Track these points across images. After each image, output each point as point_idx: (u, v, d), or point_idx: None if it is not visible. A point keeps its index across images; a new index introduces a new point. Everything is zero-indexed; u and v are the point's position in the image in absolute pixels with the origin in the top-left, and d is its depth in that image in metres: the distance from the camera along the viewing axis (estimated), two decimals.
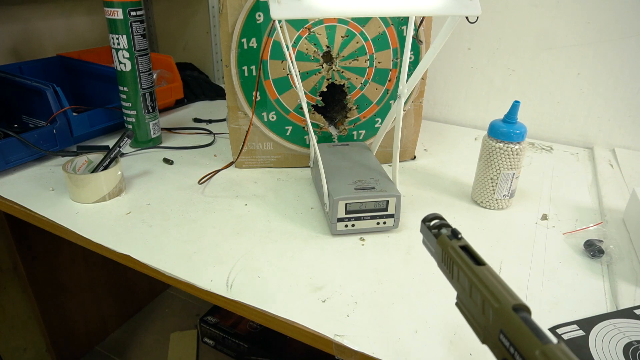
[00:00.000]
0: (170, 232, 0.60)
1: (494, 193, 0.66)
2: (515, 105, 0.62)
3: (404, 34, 0.72)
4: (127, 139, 0.70)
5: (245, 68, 0.71)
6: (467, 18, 0.53)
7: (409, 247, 0.58)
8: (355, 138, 0.79)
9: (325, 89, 0.74)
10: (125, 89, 0.80)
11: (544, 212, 0.67)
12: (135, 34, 0.76)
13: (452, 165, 0.81)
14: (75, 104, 0.97)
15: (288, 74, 0.72)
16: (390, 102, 0.77)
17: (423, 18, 0.71)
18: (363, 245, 0.58)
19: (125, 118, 0.83)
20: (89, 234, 0.59)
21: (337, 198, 0.57)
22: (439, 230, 0.37)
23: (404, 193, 0.71)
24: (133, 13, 0.74)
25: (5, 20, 0.97)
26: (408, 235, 0.60)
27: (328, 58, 0.72)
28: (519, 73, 0.93)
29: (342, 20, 0.70)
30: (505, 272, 0.54)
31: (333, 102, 0.80)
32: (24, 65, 0.93)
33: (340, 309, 0.47)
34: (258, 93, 0.73)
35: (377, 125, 0.78)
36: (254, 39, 0.69)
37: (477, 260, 0.33)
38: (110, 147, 0.70)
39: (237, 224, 0.62)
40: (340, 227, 0.59)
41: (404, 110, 0.78)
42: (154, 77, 0.97)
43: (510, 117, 0.62)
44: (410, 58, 0.73)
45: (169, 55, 1.07)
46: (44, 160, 0.79)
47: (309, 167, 0.78)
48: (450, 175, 0.78)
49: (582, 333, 0.45)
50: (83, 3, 1.12)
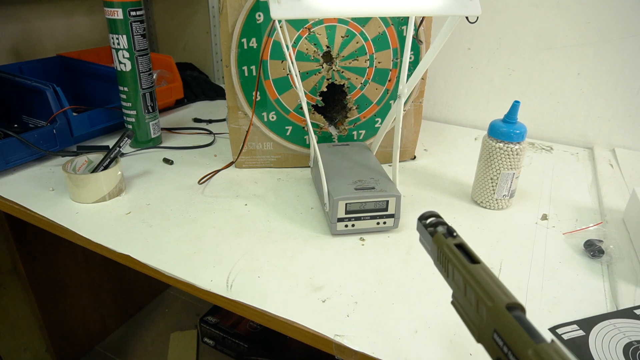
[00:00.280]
0: (170, 232, 0.60)
1: (494, 193, 0.66)
2: (515, 105, 0.62)
3: (404, 34, 0.72)
4: (127, 139, 0.70)
5: (245, 68, 0.71)
6: (467, 18, 0.53)
7: (409, 247, 0.58)
8: (355, 138, 0.79)
9: (325, 89, 0.74)
10: (125, 89, 0.80)
11: (544, 212, 0.67)
12: (135, 34, 0.76)
13: (452, 165, 0.81)
14: (75, 104, 0.97)
15: (288, 74, 0.72)
16: (390, 102, 0.77)
17: (423, 18, 0.71)
18: (363, 245, 0.58)
19: (125, 118, 0.83)
20: (89, 234, 0.59)
21: (337, 198, 0.57)
22: (435, 228, 0.37)
23: (404, 193, 0.71)
24: (133, 13, 0.74)
25: (5, 20, 0.97)
26: (408, 235, 0.60)
27: (328, 58, 0.72)
28: (519, 73, 0.93)
29: (342, 20, 0.70)
30: (505, 272, 0.54)
31: (333, 102, 0.80)
32: (24, 65, 0.93)
33: (340, 309, 0.47)
34: (258, 93, 0.73)
35: (377, 125, 0.78)
36: (254, 39, 0.69)
37: (472, 258, 0.33)
38: (110, 147, 0.70)
39: (237, 224, 0.62)
40: (340, 227, 0.59)
41: (404, 110, 0.78)
42: (154, 77, 0.97)
43: (510, 117, 0.62)
44: (410, 58, 0.73)
45: (169, 55, 1.08)
46: (44, 160, 0.79)
47: (309, 167, 0.78)
48: (450, 175, 0.78)
49: (582, 333, 0.45)
50: (83, 3, 1.12)
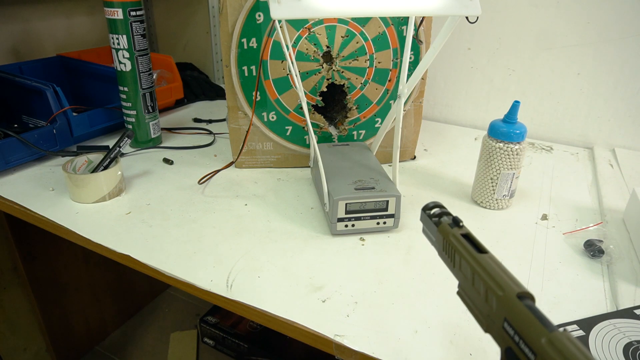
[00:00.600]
0: (170, 232, 0.60)
1: (494, 193, 0.66)
2: (515, 105, 0.62)
3: (404, 34, 0.72)
4: (127, 139, 0.70)
5: (245, 68, 0.71)
6: (467, 18, 0.53)
7: (409, 247, 0.58)
8: (355, 138, 0.79)
9: (325, 89, 0.74)
10: (125, 89, 0.80)
11: (544, 212, 0.67)
12: (135, 34, 0.76)
13: (452, 165, 0.81)
14: (75, 104, 0.97)
15: (288, 74, 0.72)
16: (390, 102, 0.77)
17: (423, 18, 0.71)
18: (363, 245, 0.58)
19: (125, 118, 0.83)
20: (89, 234, 0.59)
21: (337, 198, 0.57)
22: (440, 219, 0.37)
23: (404, 193, 0.71)
24: (133, 13, 0.74)
25: (5, 20, 0.97)
26: (408, 235, 0.60)
27: (328, 58, 0.72)
28: (519, 73, 0.93)
29: (342, 20, 0.70)
30: None
31: (333, 102, 0.80)
32: (24, 65, 0.93)
33: (340, 309, 0.47)
34: (258, 93, 0.73)
35: (377, 125, 0.78)
36: (254, 39, 0.69)
37: (479, 249, 0.32)
38: (110, 147, 0.70)
39: (237, 224, 0.62)
40: (340, 227, 0.59)
41: (404, 110, 0.78)
42: (154, 77, 0.97)
43: (510, 117, 0.62)
44: (410, 58, 0.73)
45: (169, 55, 1.07)
46: (44, 160, 0.79)
47: (309, 167, 0.78)
48: (450, 175, 0.78)
49: (582, 333, 0.45)
50: (83, 3, 1.12)
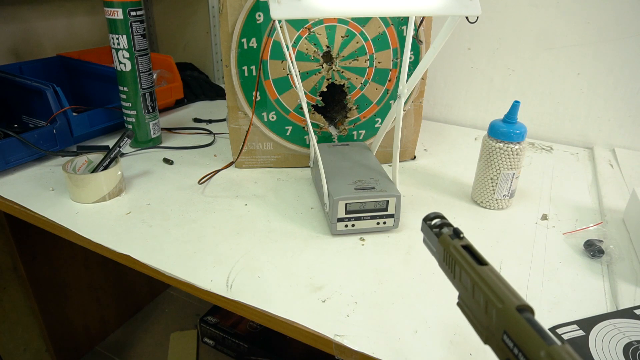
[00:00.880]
0: (170, 232, 0.60)
1: (494, 193, 0.66)
2: (515, 105, 0.62)
3: (404, 34, 0.72)
4: (127, 139, 0.70)
5: (245, 68, 0.71)
6: (467, 18, 0.53)
7: (409, 247, 0.58)
8: (355, 138, 0.79)
9: (325, 89, 0.74)
10: (125, 89, 0.80)
11: (544, 212, 0.67)
12: (135, 34, 0.76)
13: (452, 165, 0.81)
14: (75, 104, 0.97)
15: (288, 74, 0.72)
16: (390, 102, 0.77)
17: (423, 18, 0.71)
18: (363, 245, 0.58)
19: (125, 118, 0.83)
20: (89, 234, 0.59)
21: (337, 198, 0.57)
22: (440, 230, 0.37)
23: (404, 193, 0.71)
24: (133, 13, 0.74)
25: (5, 20, 0.97)
26: (408, 235, 0.60)
27: (328, 58, 0.72)
28: (519, 73, 0.93)
29: (342, 20, 0.70)
30: (505, 272, 0.54)
31: (333, 102, 0.80)
32: (24, 65, 0.93)
33: (340, 309, 0.47)
34: (258, 93, 0.73)
35: (377, 125, 0.78)
36: (254, 39, 0.69)
37: (479, 260, 0.33)
38: (110, 147, 0.70)
39: (237, 224, 0.62)
40: (340, 227, 0.59)
41: (404, 110, 0.78)
42: (154, 77, 0.97)
43: (510, 117, 0.62)
44: (410, 58, 0.73)
45: (169, 55, 1.07)
46: (44, 160, 0.79)
47: (309, 167, 0.78)
48: (450, 175, 0.78)
49: (582, 333, 0.45)
50: (83, 3, 1.12)
